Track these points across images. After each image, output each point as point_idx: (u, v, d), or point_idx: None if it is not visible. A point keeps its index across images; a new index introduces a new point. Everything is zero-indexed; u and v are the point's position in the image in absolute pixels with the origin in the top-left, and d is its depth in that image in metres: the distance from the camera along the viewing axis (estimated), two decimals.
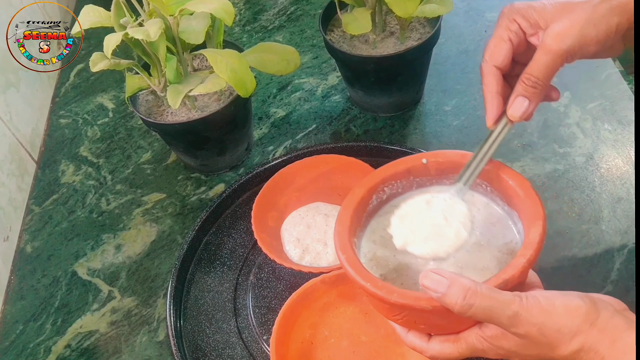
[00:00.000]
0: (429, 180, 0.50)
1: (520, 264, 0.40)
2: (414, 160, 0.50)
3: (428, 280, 0.39)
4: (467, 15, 0.89)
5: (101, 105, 0.91)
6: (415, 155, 0.50)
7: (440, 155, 0.49)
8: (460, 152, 0.48)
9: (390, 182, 0.50)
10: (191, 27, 0.64)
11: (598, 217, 0.64)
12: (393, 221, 0.46)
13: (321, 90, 0.84)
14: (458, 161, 0.48)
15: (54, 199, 0.79)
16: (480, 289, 0.38)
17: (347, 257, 0.44)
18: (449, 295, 0.38)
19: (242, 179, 0.71)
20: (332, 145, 0.71)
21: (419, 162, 0.49)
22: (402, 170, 0.50)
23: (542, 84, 0.44)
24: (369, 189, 0.49)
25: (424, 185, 0.51)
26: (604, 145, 0.70)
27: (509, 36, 0.45)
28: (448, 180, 0.50)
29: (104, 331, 0.65)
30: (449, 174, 0.49)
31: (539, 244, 0.41)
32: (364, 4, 0.68)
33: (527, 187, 0.44)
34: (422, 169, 0.49)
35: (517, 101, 0.44)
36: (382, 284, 0.42)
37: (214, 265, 0.66)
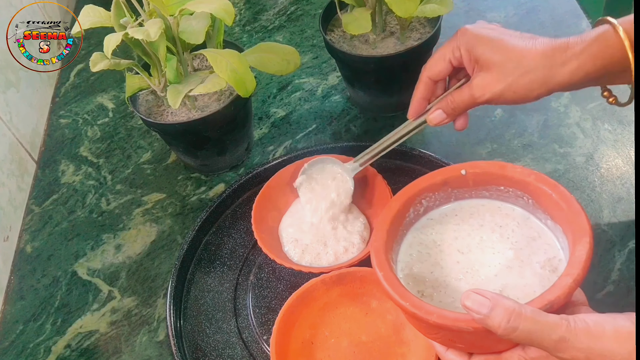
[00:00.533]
0: (467, 192, 0.50)
1: (566, 284, 0.38)
2: (451, 172, 0.49)
3: (470, 301, 0.38)
4: (468, 15, 0.89)
5: (101, 105, 0.91)
6: (453, 166, 0.50)
7: (479, 166, 0.49)
8: (498, 163, 0.48)
9: (427, 194, 0.50)
10: (191, 27, 0.64)
11: (598, 217, 0.64)
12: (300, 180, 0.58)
13: (321, 90, 0.84)
14: (496, 172, 0.48)
15: (54, 199, 0.79)
16: (524, 311, 0.36)
17: (384, 275, 0.43)
18: (492, 318, 0.37)
19: (242, 179, 0.71)
20: (332, 145, 0.71)
21: (457, 173, 0.49)
22: (440, 181, 0.49)
23: (460, 111, 0.53)
24: (406, 202, 0.48)
25: (462, 197, 0.50)
26: (604, 145, 0.70)
27: (449, 58, 0.52)
28: (487, 192, 0.49)
29: (104, 331, 0.64)
30: (488, 184, 0.49)
31: (586, 262, 0.39)
32: (364, 4, 0.68)
33: (571, 200, 0.43)
34: (460, 180, 0.49)
35: (437, 112, 0.55)
36: (421, 303, 0.41)
37: (214, 265, 0.66)
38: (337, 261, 0.59)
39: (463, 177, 0.49)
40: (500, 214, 0.49)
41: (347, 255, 0.60)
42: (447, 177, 0.49)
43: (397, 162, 0.71)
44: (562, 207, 0.43)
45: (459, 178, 0.49)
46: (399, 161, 0.71)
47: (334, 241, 0.61)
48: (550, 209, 0.45)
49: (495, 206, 0.50)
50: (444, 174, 0.50)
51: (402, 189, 0.50)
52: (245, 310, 0.62)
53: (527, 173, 0.47)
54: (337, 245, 0.60)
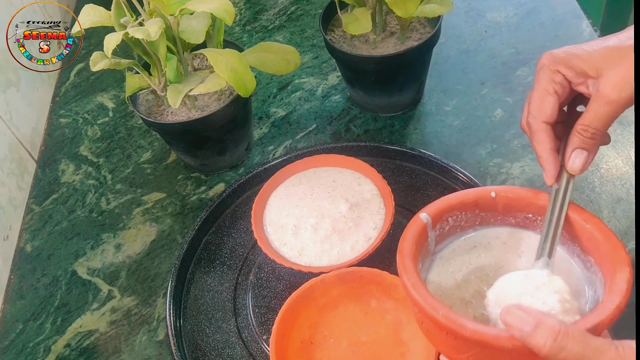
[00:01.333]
0: (493, 216, 0.48)
1: (609, 309, 0.36)
2: (483, 192, 0.47)
3: (512, 317, 0.36)
4: (468, 15, 0.89)
5: (101, 104, 0.91)
6: (485, 188, 0.47)
7: (511, 190, 0.46)
8: (532, 191, 0.46)
9: (456, 212, 0.47)
10: (191, 26, 0.64)
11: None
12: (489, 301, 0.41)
13: (321, 90, 0.84)
14: (528, 199, 0.45)
15: (53, 198, 0.79)
16: (572, 331, 0.34)
17: (413, 284, 0.41)
18: (536, 336, 0.34)
19: (242, 179, 0.71)
20: (332, 145, 0.72)
21: (488, 195, 0.47)
22: (470, 201, 0.47)
23: (600, 134, 0.43)
24: (434, 217, 0.46)
25: (487, 221, 0.48)
26: (604, 146, 0.69)
27: (554, 89, 0.43)
28: (514, 219, 0.47)
29: (104, 330, 0.65)
30: (516, 211, 0.47)
31: (627, 291, 0.37)
32: (365, 4, 0.68)
33: (605, 230, 0.41)
34: (489, 202, 0.47)
35: (575, 154, 0.43)
36: (456, 315, 0.38)
37: (213, 265, 0.66)
38: (337, 261, 0.59)
39: (492, 199, 0.47)
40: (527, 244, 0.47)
41: (352, 253, 0.60)
42: (478, 197, 0.47)
43: (397, 162, 0.71)
44: (597, 238, 0.42)
45: (488, 200, 0.47)
46: (399, 161, 0.71)
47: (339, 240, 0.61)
48: (579, 239, 0.43)
49: (525, 235, 0.48)
50: (476, 193, 0.47)
51: (432, 203, 0.47)
52: (244, 310, 0.62)
53: None
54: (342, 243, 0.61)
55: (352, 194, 0.64)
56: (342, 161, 0.67)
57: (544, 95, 0.44)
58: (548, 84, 0.43)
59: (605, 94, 0.41)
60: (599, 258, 0.42)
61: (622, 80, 0.40)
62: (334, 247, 0.60)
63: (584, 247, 0.43)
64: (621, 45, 0.41)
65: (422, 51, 0.70)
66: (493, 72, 0.81)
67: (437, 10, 0.66)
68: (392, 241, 0.61)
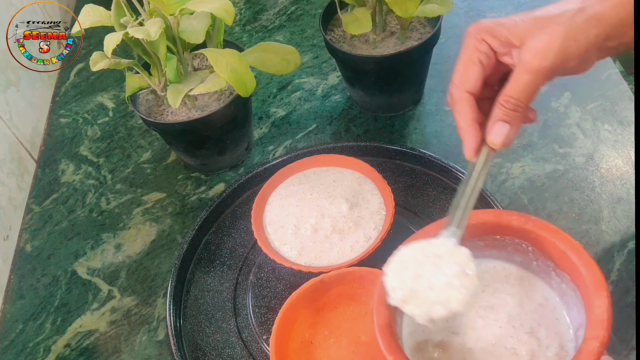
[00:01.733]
0: (462, 244, 0.45)
1: (594, 349, 0.35)
2: (441, 225, 0.43)
3: None
4: (468, 15, 0.89)
5: (101, 104, 0.91)
6: (442, 220, 0.44)
7: (472, 217, 0.43)
8: (492, 211, 0.45)
9: None
10: (191, 26, 0.64)
11: (598, 218, 0.64)
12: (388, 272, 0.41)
13: (321, 90, 0.84)
14: (491, 221, 0.44)
15: (53, 198, 0.79)
16: None
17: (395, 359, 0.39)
18: None
19: (242, 179, 0.71)
20: (332, 145, 0.72)
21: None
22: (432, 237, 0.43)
23: (523, 105, 0.41)
24: None
25: None
26: (604, 146, 0.70)
27: (478, 58, 0.42)
28: (482, 242, 0.46)
29: (104, 330, 0.65)
30: (483, 235, 0.45)
31: (608, 320, 0.36)
32: (365, 4, 0.68)
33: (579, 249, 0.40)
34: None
35: (497, 126, 0.41)
36: None
37: (213, 265, 0.66)
38: (337, 261, 0.59)
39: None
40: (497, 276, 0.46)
41: (352, 253, 0.60)
42: (439, 231, 0.43)
43: (397, 162, 0.71)
44: (569, 256, 0.41)
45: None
46: (399, 161, 0.71)
47: (339, 240, 0.61)
48: (554, 258, 0.42)
49: (491, 266, 0.47)
50: (436, 228, 0.44)
51: (393, 254, 0.43)
52: (244, 310, 0.62)
53: (525, 220, 0.43)
54: (342, 243, 0.61)
55: (352, 194, 0.64)
56: (342, 161, 0.67)
57: (468, 64, 0.42)
58: (473, 52, 0.42)
59: (526, 62, 0.39)
60: (574, 277, 0.41)
61: (544, 48, 0.39)
62: (334, 247, 0.60)
63: (558, 264, 0.43)
64: (547, 14, 0.40)
65: (422, 51, 0.70)
66: None
67: (437, 10, 0.66)
68: (392, 241, 0.61)
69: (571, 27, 0.39)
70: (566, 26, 0.39)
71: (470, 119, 0.42)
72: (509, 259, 0.47)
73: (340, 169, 0.67)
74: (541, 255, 0.44)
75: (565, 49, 0.39)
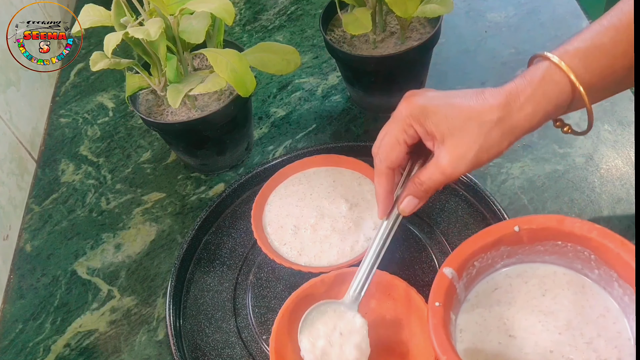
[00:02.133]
0: (521, 248, 0.47)
1: None
2: (504, 229, 0.46)
3: None
4: (468, 15, 0.89)
5: (101, 104, 0.91)
6: (506, 223, 0.46)
7: (534, 221, 0.45)
8: (555, 217, 0.45)
9: (480, 256, 0.46)
10: (191, 26, 0.64)
11: (598, 218, 0.63)
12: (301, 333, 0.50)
13: (321, 90, 0.84)
14: (553, 227, 0.45)
15: (53, 198, 0.79)
16: None
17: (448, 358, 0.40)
18: None
19: (242, 179, 0.71)
20: (332, 145, 0.72)
21: (510, 230, 0.46)
22: (493, 241, 0.46)
23: (432, 191, 0.49)
24: (458, 268, 0.45)
25: (515, 254, 0.47)
26: (604, 146, 0.70)
27: (404, 139, 0.48)
28: (542, 247, 0.46)
29: (104, 330, 0.65)
30: (544, 240, 0.46)
31: None
32: (365, 4, 0.68)
33: None
34: (513, 237, 0.46)
35: (407, 199, 0.50)
36: None
37: (213, 265, 0.66)
38: (337, 261, 0.59)
39: (517, 233, 0.46)
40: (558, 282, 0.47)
41: (352, 253, 0.60)
42: (501, 235, 0.46)
43: None
44: (632, 267, 0.41)
45: (512, 235, 0.46)
46: None
47: (339, 240, 0.61)
48: (618, 268, 0.42)
49: (551, 271, 0.47)
50: (497, 232, 0.46)
51: (452, 253, 0.46)
52: (244, 310, 0.62)
53: (589, 228, 0.43)
54: (342, 243, 0.61)
55: (352, 194, 0.64)
56: (342, 161, 0.67)
57: (394, 144, 0.49)
58: (400, 134, 0.48)
59: (441, 166, 0.46)
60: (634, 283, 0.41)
61: (458, 158, 0.46)
62: (333, 247, 0.60)
63: (622, 275, 0.43)
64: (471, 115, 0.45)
65: (422, 51, 0.70)
66: (493, 73, 0.81)
67: (437, 10, 0.66)
68: (392, 241, 0.61)
69: (486, 141, 0.45)
70: (481, 139, 0.45)
71: (387, 190, 0.51)
72: (570, 265, 0.47)
73: (340, 169, 0.67)
74: (604, 265, 0.44)
75: (478, 160, 0.46)
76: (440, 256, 0.62)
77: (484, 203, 0.64)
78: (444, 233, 0.64)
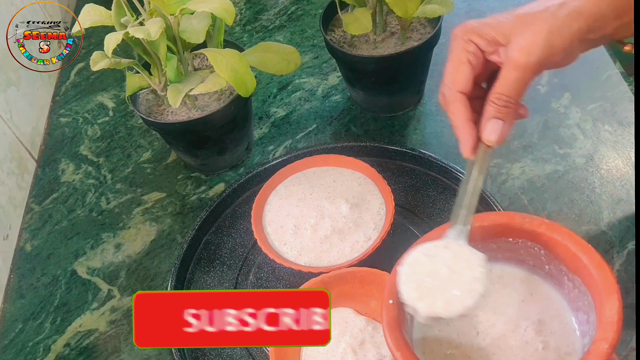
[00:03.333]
0: (474, 246, 0.44)
1: (602, 350, 0.35)
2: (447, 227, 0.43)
3: None
4: (468, 15, 0.89)
5: (101, 104, 0.91)
6: (446, 224, 0.44)
7: (486, 218, 0.44)
8: (506, 214, 0.45)
9: None
10: (192, 26, 0.64)
11: (598, 219, 0.64)
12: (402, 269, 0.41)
13: (321, 90, 0.84)
14: (504, 223, 0.44)
15: (53, 197, 0.79)
16: None
17: (402, 355, 0.40)
18: None
19: (242, 179, 0.71)
20: (332, 145, 0.72)
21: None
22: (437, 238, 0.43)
23: (514, 101, 0.42)
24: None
25: None
26: (604, 147, 0.70)
27: (467, 58, 0.43)
28: (495, 244, 0.46)
29: (103, 330, 0.65)
30: (496, 237, 0.45)
31: (618, 323, 0.36)
32: (365, 4, 0.68)
33: (591, 252, 0.40)
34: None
35: (490, 124, 0.43)
36: None
37: (213, 265, 0.66)
38: (337, 261, 0.59)
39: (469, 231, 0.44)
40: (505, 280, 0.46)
41: (352, 253, 0.60)
42: (445, 233, 0.43)
43: (397, 162, 0.71)
44: (581, 259, 0.41)
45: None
46: (399, 161, 0.71)
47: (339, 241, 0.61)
48: (567, 261, 0.42)
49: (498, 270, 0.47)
50: (442, 231, 0.43)
51: (406, 252, 0.43)
52: None
53: (538, 223, 0.43)
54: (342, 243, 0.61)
55: (352, 194, 0.64)
56: (342, 161, 0.67)
57: (457, 65, 0.43)
58: (461, 53, 0.43)
59: (513, 59, 0.41)
60: (586, 280, 0.41)
61: (529, 44, 0.40)
62: (333, 247, 0.60)
63: (570, 267, 0.43)
64: (530, 12, 0.41)
65: (422, 51, 0.70)
66: None
67: (438, 11, 0.66)
68: (392, 241, 0.61)
69: (554, 23, 0.40)
70: (549, 22, 0.40)
71: (465, 118, 0.43)
72: (522, 263, 0.47)
73: (340, 169, 0.67)
74: (554, 259, 0.44)
75: (550, 44, 0.40)
76: None
77: (484, 203, 0.63)
78: None
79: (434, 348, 0.44)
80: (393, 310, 0.42)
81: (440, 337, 0.45)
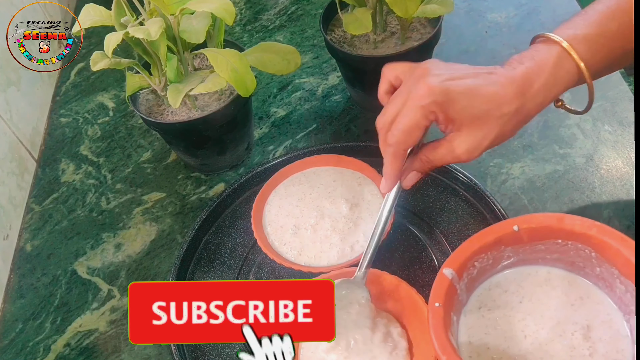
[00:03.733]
0: (521, 248, 0.47)
1: None
2: (504, 228, 0.46)
3: None
4: (468, 15, 0.89)
5: (101, 104, 0.91)
6: (505, 222, 0.46)
7: (534, 220, 0.46)
8: (555, 215, 0.45)
9: (479, 256, 0.46)
10: (192, 26, 0.64)
11: (598, 218, 0.63)
12: None
13: (322, 90, 0.84)
14: (553, 225, 0.45)
15: (54, 197, 0.79)
16: None
17: (448, 359, 0.40)
18: None
19: (242, 179, 0.71)
20: (332, 145, 0.72)
21: (510, 229, 0.46)
22: (492, 241, 0.46)
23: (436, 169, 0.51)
24: (458, 268, 0.45)
25: (516, 254, 0.47)
26: (604, 146, 0.70)
27: (425, 125, 0.48)
28: (543, 246, 0.46)
29: (104, 330, 0.65)
30: (544, 239, 0.46)
31: None
32: (365, 4, 0.68)
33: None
34: (512, 236, 0.46)
35: (412, 175, 0.52)
36: None
37: (213, 265, 0.66)
38: (337, 261, 0.59)
39: (516, 233, 0.46)
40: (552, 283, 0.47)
41: (352, 253, 0.60)
42: (500, 235, 0.46)
43: None
44: (631, 261, 0.41)
45: (511, 235, 0.46)
46: None
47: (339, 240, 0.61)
48: (619, 265, 0.42)
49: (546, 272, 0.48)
50: (496, 232, 0.46)
51: (452, 254, 0.46)
52: None
53: (589, 225, 0.43)
54: (342, 243, 0.61)
55: (352, 194, 0.64)
56: (342, 161, 0.67)
57: (413, 129, 0.48)
58: (421, 119, 0.47)
59: (456, 153, 0.48)
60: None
61: (475, 146, 0.47)
62: (333, 247, 0.60)
63: (622, 271, 0.43)
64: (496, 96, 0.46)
65: (422, 51, 0.70)
66: None
67: (438, 11, 0.66)
68: (392, 241, 0.61)
69: (502, 131, 0.47)
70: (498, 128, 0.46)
71: (399, 169, 0.51)
72: (572, 264, 0.47)
73: (340, 169, 0.67)
74: (605, 262, 0.44)
75: (491, 147, 0.48)
76: (440, 256, 0.62)
77: (484, 203, 0.63)
78: (444, 233, 0.64)
79: (481, 352, 0.45)
80: (439, 314, 0.43)
81: (487, 341, 0.45)
